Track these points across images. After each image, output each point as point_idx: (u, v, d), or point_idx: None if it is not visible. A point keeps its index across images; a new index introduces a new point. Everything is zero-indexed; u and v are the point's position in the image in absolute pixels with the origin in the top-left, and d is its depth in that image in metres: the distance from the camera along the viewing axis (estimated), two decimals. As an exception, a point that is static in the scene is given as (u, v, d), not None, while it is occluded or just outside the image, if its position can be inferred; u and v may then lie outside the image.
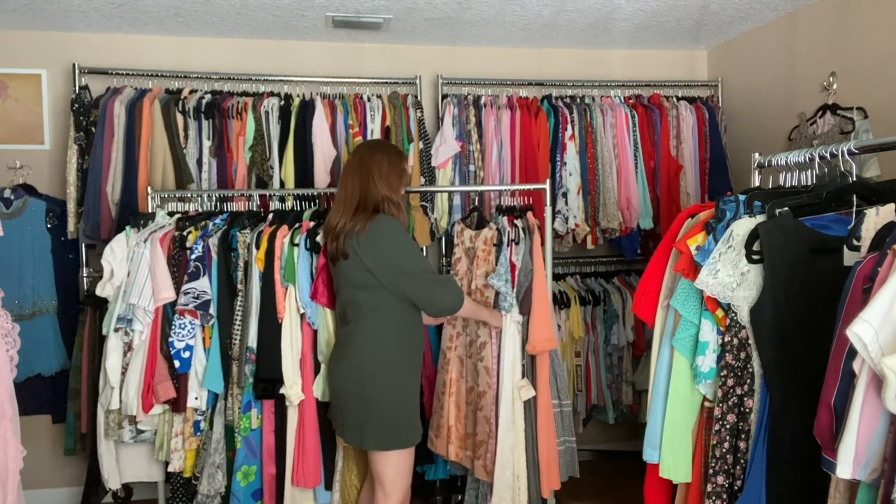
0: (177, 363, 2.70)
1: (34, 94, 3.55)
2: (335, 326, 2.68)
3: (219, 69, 3.65)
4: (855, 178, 1.98)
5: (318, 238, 2.69)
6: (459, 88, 3.80)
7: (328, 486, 2.81)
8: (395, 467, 2.35)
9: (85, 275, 3.44)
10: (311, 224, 2.80)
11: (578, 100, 3.78)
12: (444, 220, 3.56)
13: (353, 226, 2.33)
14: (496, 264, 2.82)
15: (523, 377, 2.83)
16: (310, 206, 3.12)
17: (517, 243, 2.86)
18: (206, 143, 3.41)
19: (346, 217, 2.37)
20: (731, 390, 1.91)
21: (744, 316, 1.89)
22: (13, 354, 1.61)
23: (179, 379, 2.75)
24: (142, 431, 2.82)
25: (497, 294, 2.78)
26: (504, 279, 2.77)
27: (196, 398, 2.76)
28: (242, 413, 2.76)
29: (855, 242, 1.71)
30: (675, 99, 3.88)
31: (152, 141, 3.30)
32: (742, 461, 1.91)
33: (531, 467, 2.83)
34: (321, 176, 3.43)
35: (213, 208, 3.10)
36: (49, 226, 3.36)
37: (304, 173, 3.43)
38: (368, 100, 3.62)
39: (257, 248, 2.76)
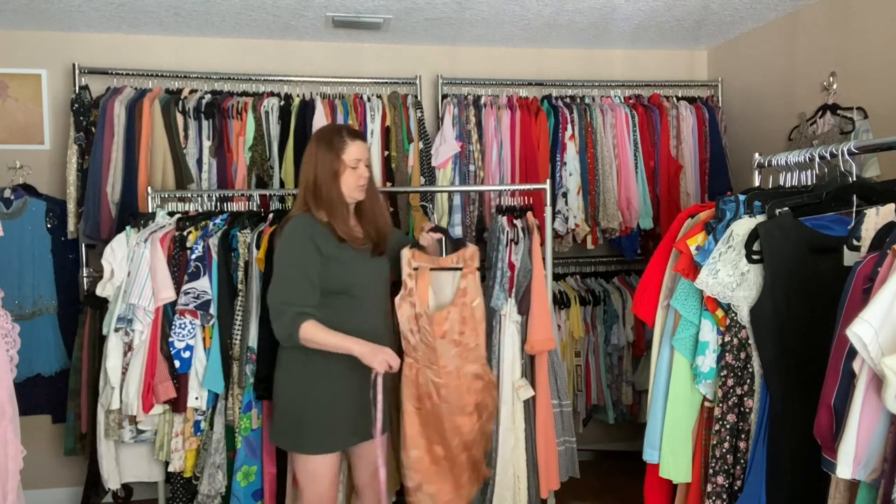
0: (177, 363, 2.71)
1: (34, 94, 3.55)
2: None
3: (219, 69, 3.65)
4: (855, 178, 1.99)
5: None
6: (459, 88, 3.80)
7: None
8: (301, 470, 2.31)
9: (85, 275, 3.43)
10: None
11: (578, 100, 3.78)
12: (443, 220, 3.56)
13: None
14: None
15: (522, 377, 2.83)
16: (310, 206, 3.12)
17: (516, 243, 2.86)
18: (206, 143, 3.41)
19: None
20: (731, 390, 1.91)
21: (744, 316, 1.89)
22: (13, 354, 1.61)
23: (180, 379, 2.75)
24: (142, 431, 2.82)
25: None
26: (500, 285, 2.78)
27: (196, 398, 2.76)
28: (243, 413, 2.76)
29: (855, 242, 1.71)
30: (675, 99, 3.88)
31: (152, 141, 3.30)
32: (742, 461, 1.91)
33: (531, 467, 2.83)
34: (321, 176, 3.43)
35: (213, 208, 3.10)
36: (49, 226, 3.36)
37: (304, 173, 3.43)
38: (368, 100, 3.62)
39: (257, 248, 2.76)
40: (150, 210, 3.02)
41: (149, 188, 3.08)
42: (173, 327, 2.71)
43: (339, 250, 2.27)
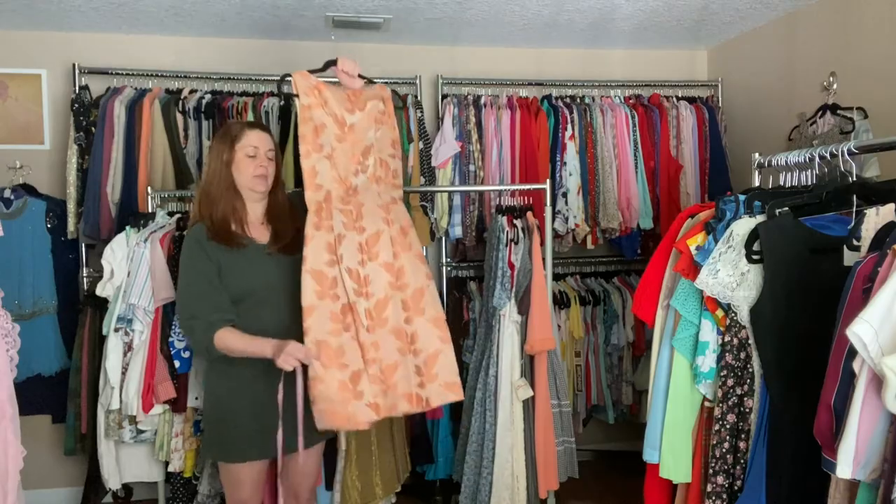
0: (177, 363, 2.71)
1: (34, 94, 3.55)
2: None
3: (219, 69, 3.65)
4: (855, 178, 1.99)
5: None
6: (459, 88, 3.80)
7: (328, 486, 2.81)
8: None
9: (85, 275, 3.43)
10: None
11: (578, 100, 3.78)
12: (444, 220, 3.56)
13: None
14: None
15: (521, 377, 2.83)
16: (310, 206, 3.12)
17: (516, 243, 2.87)
18: (206, 143, 3.41)
19: None
20: (731, 390, 1.91)
21: (744, 316, 1.89)
22: (13, 354, 1.62)
23: (179, 379, 2.75)
24: (142, 431, 2.82)
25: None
26: (502, 285, 2.77)
27: (196, 398, 2.76)
28: (242, 413, 2.76)
29: (855, 242, 1.71)
30: (675, 99, 3.88)
31: (152, 141, 3.30)
32: (742, 461, 1.91)
33: (529, 467, 2.83)
34: (321, 176, 3.43)
35: (213, 208, 3.09)
36: (49, 226, 3.36)
37: (304, 173, 3.43)
38: (368, 100, 3.61)
39: (257, 248, 2.76)
40: (150, 210, 3.02)
41: (149, 188, 3.08)
42: (173, 327, 2.71)
43: (233, 256, 2.13)
